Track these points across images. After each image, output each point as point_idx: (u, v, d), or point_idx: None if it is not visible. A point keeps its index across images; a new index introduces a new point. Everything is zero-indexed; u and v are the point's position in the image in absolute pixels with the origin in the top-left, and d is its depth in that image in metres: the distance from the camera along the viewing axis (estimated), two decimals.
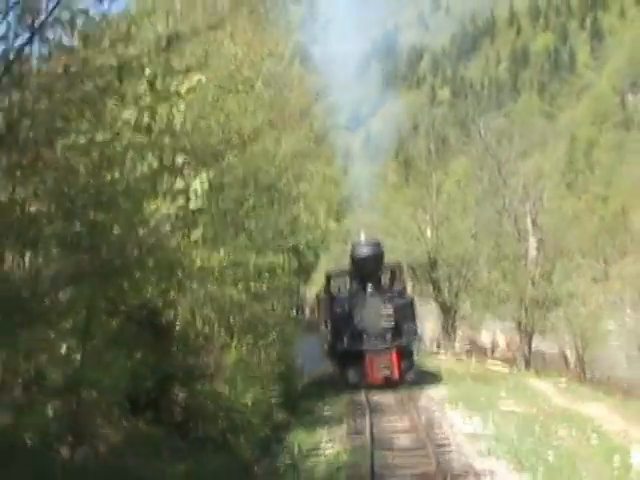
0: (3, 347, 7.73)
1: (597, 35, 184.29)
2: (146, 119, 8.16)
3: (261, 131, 17.77)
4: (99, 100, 7.85)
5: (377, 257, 29.21)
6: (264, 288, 17.60)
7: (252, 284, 16.83)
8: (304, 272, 23.60)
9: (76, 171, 8.03)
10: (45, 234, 7.87)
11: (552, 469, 14.34)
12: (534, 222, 43.01)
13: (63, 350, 8.72)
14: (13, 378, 8.99)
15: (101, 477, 9.88)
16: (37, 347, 8.37)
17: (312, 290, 32.73)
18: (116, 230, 8.61)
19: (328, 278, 30.48)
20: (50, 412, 9.29)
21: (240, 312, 16.90)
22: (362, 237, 32.82)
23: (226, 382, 15.71)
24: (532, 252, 42.55)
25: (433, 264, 46.24)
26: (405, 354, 27.46)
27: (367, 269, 28.86)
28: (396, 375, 26.60)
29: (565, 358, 39.66)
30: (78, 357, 9.17)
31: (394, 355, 26.79)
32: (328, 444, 17.12)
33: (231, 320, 16.90)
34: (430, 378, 29.23)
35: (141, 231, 8.63)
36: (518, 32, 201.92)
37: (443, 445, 16.22)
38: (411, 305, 29.35)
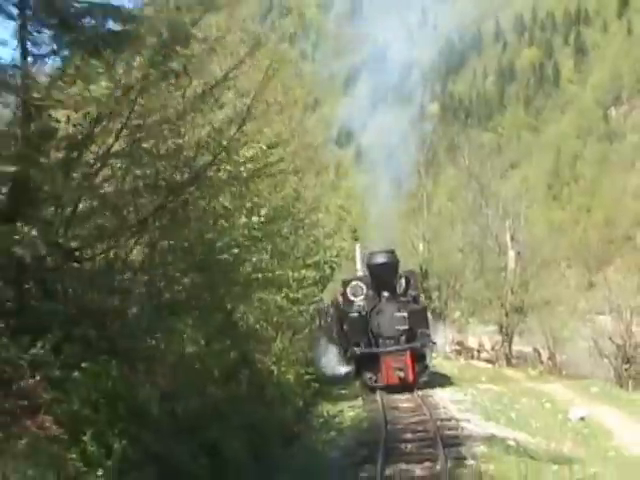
0: None
1: (581, 50, 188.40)
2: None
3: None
4: None
5: (392, 265, 30.15)
6: (299, 295, 23.41)
7: (290, 292, 22.69)
8: (322, 283, 29.16)
9: None
10: None
11: (511, 420, 20.34)
12: (512, 238, 48.89)
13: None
14: None
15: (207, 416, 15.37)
16: None
17: (328, 297, 34.55)
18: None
19: (345, 285, 31.25)
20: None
21: (281, 313, 22.63)
22: (358, 251, 37.43)
23: (274, 364, 21.44)
24: (511, 264, 48.49)
25: (425, 275, 51.52)
26: (419, 357, 27.92)
27: (382, 276, 29.71)
28: (410, 377, 27.06)
29: (539, 355, 45.51)
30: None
31: (408, 358, 27.30)
32: (349, 410, 23.00)
33: (275, 319, 22.61)
34: None
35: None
36: (504, 47, 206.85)
37: (435, 407, 22.16)
38: (424, 311, 30.34)
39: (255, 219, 17.08)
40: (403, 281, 30.26)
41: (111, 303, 12.52)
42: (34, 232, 9.65)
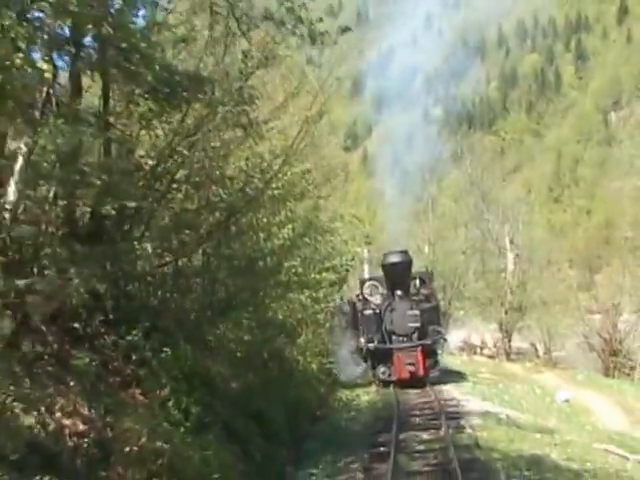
0: None
1: (581, 56, 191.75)
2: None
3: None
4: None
5: (405, 265, 30.98)
6: (320, 295, 26.70)
7: (312, 292, 25.99)
8: (339, 284, 32.26)
9: None
10: None
11: (504, 401, 23.74)
12: (511, 241, 52.27)
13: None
14: None
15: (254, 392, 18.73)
16: None
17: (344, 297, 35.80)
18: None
19: (362, 284, 32.58)
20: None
21: (305, 311, 25.91)
22: (365, 253, 40.23)
23: (300, 354, 24.75)
24: (510, 266, 51.90)
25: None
26: (430, 353, 28.71)
27: (396, 275, 30.58)
28: (421, 372, 27.86)
29: (536, 350, 48.92)
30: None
31: (419, 354, 28.10)
32: (364, 395, 26.34)
33: (299, 316, 25.89)
34: None
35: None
36: (507, 54, 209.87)
37: (439, 391, 25.49)
38: (437, 309, 31.04)
39: (285, 231, 20.44)
40: (417, 281, 31.41)
41: (182, 301, 15.89)
42: (149, 249, 12.92)
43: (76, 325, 11.92)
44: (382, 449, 16.40)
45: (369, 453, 16.26)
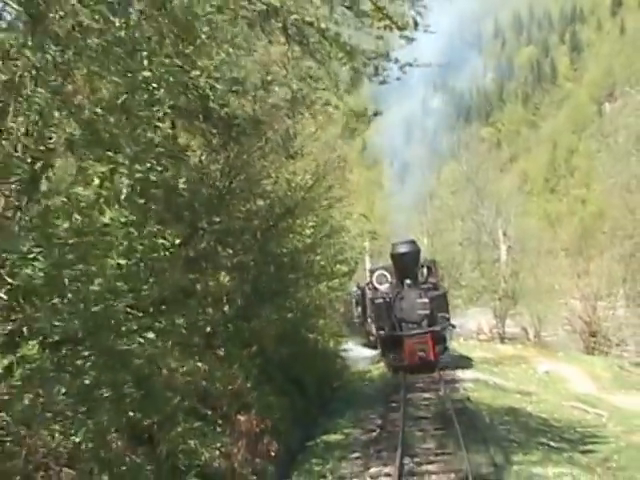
0: None
1: (576, 48, 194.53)
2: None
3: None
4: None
5: (413, 254, 31.60)
6: (335, 284, 31.16)
7: (329, 282, 30.46)
8: (350, 275, 36.53)
9: None
10: None
11: (494, 373, 28.28)
12: (504, 234, 56.74)
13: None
14: None
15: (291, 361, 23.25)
16: None
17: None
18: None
19: (371, 273, 33.77)
20: None
21: (322, 297, 30.35)
22: (367, 247, 44.08)
23: (319, 335, 29.25)
24: (503, 257, 56.42)
25: None
26: (439, 339, 29.38)
27: (405, 265, 31.17)
28: (431, 357, 28.55)
29: (527, 334, 53.55)
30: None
31: (429, 340, 28.76)
32: (375, 370, 30.86)
33: (317, 302, 30.34)
34: None
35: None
36: (503, 45, 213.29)
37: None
38: (444, 296, 31.47)
39: (312, 231, 24.88)
40: (425, 270, 32.07)
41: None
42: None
43: None
44: (394, 404, 20.99)
45: (384, 407, 20.82)
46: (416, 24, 13.54)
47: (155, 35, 8.96)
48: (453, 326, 31.86)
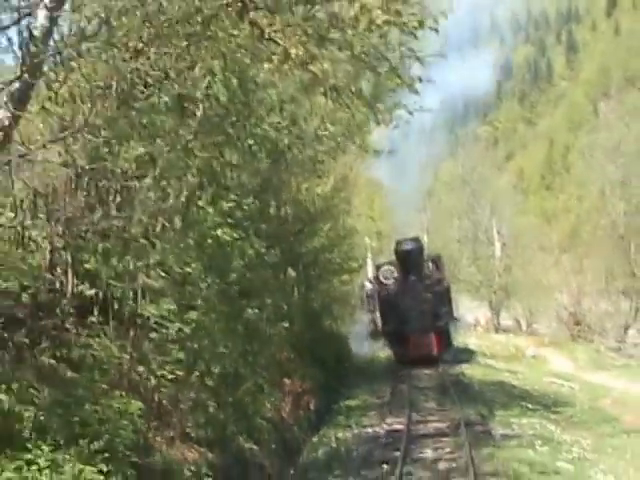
0: None
1: (572, 48, 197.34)
2: None
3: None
4: None
5: (417, 251, 32.51)
6: (347, 278, 35.34)
7: (341, 277, 34.62)
8: (358, 270, 40.48)
9: None
10: None
11: (485, 354, 32.54)
12: (499, 232, 60.79)
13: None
14: None
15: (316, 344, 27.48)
16: None
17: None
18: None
19: (377, 268, 34.86)
20: None
21: (335, 290, 34.47)
22: (371, 245, 47.94)
23: (333, 322, 33.32)
24: (497, 253, 60.49)
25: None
26: (443, 334, 30.46)
27: (409, 261, 31.97)
28: (435, 351, 29.44)
29: (519, 325, 57.91)
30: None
31: (433, 334, 29.74)
32: (382, 353, 35.06)
33: (332, 294, 34.46)
34: None
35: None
36: (500, 45, 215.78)
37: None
38: (447, 292, 32.37)
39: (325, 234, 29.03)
40: (429, 265, 32.98)
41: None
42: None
43: None
44: (400, 378, 25.34)
45: (393, 381, 25.15)
46: (420, 80, 17.48)
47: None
48: (457, 320, 33.15)
